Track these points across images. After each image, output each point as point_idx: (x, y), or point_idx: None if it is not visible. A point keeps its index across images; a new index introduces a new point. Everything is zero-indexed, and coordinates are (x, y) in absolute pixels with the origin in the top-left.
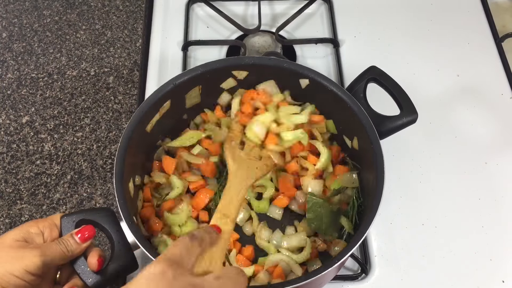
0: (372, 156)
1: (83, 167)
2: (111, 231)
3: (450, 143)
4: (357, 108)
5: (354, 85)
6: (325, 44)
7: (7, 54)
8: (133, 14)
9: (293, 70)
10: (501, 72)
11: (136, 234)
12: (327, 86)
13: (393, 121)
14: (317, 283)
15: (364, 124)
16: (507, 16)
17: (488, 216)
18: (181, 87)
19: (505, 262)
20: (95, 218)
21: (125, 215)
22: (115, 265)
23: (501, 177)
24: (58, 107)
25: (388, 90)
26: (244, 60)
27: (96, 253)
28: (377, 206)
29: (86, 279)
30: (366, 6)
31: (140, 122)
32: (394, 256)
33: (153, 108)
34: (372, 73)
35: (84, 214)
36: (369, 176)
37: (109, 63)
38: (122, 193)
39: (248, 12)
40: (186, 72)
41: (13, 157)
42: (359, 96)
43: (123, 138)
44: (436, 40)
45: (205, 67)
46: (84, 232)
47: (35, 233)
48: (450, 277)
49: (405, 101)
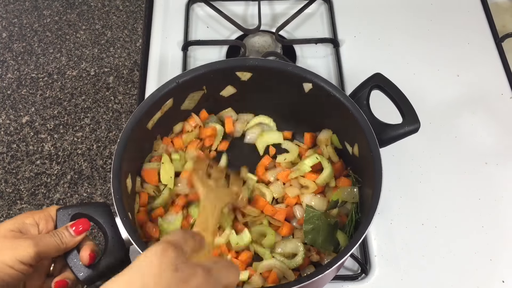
0: (371, 164)
1: (83, 167)
2: (105, 226)
3: (450, 143)
4: (359, 115)
5: (358, 92)
6: (325, 44)
7: (7, 54)
8: (133, 14)
9: (296, 74)
10: (501, 72)
11: (130, 230)
12: (330, 91)
13: (395, 129)
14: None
15: (365, 131)
16: (507, 16)
17: (488, 216)
18: (184, 86)
19: (505, 262)
20: (90, 212)
21: (120, 210)
22: (107, 260)
23: (501, 177)
24: (58, 107)
25: (392, 98)
26: (248, 62)
27: (88, 247)
28: (375, 206)
29: (78, 273)
30: (366, 6)
31: (141, 119)
32: (394, 256)
33: (155, 105)
34: (376, 80)
35: (80, 208)
36: (369, 191)
37: (109, 63)
38: (119, 188)
39: (248, 12)
40: (189, 71)
41: (13, 157)
42: (362, 103)
43: (124, 132)
44: (436, 40)
45: (208, 67)
46: (79, 225)
47: (30, 224)
48: (450, 277)
49: (408, 109)
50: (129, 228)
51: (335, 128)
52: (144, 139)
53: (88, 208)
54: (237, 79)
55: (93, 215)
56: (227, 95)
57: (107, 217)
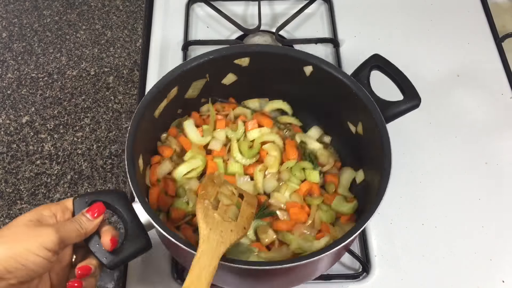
0: (378, 140)
1: (83, 167)
2: (123, 211)
3: (450, 143)
4: (362, 93)
5: (358, 72)
6: (325, 44)
7: (7, 54)
8: (133, 14)
9: (296, 58)
10: (501, 72)
11: (151, 213)
12: (331, 72)
13: (397, 106)
14: (310, 269)
15: (370, 108)
16: (507, 16)
17: (488, 216)
18: (189, 73)
19: (505, 262)
20: (106, 199)
21: (138, 195)
22: (129, 244)
23: (501, 177)
24: (58, 107)
25: (391, 77)
26: (250, 48)
27: (109, 232)
28: (385, 186)
29: (102, 258)
30: (366, 6)
31: (150, 104)
32: (394, 256)
33: (162, 92)
34: (375, 61)
35: (96, 195)
36: (374, 174)
37: (109, 63)
38: (134, 173)
39: (248, 12)
40: (192, 59)
41: (13, 157)
42: (363, 82)
43: (134, 118)
44: (436, 40)
45: (209, 54)
46: (94, 209)
47: (48, 216)
48: (450, 277)
49: (407, 86)
50: (149, 212)
51: (337, 109)
52: (151, 128)
53: (104, 195)
54: (237, 69)
55: (110, 202)
56: (228, 83)
57: (124, 203)
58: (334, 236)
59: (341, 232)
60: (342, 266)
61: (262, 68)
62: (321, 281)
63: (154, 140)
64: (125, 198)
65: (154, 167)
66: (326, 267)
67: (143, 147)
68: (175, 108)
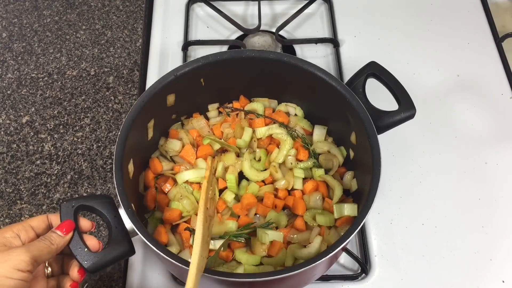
0: (369, 151)
1: (83, 167)
2: (108, 216)
3: (450, 143)
4: (356, 102)
5: (354, 80)
6: (325, 44)
7: (7, 54)
8: (133, 14)
9: (293, 64)
10: (501, 72)
11: (134, 220)
12: (326, 79)
13: (391, 116)
14: (307, 275)
15: (363, 118)
16: (507, 16)
17: (488, 216)
18: (183, 78)
19: (505, 262)
20: (93, 204)
21: (124, 201)
22: (112, 249)
23: (501, 177)
24: (58, 107)
25: (387, 85)
26: (244, 53)
27: (91, 237)
28: (375, 189)
29: (83, 261)
30: (366, 6)
31: (142, 109)
32: (394, 256)
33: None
34: (371, 68)
35: (83, 200)
36: (367, 178)
37: (109, 63)
38: (121, 180)
39: (248, 12)
40: (187, 63)
41: (13, 157)
42: (358, 91)
43: (123, 126)
44: (436, 40)
45: (206, 59)
46: (63, 227)
47: (12, 237)
48: (450, 277)
49: (403, 96)
50: (133, 219)
51: (332, 118)
52: (144, 135)
53: (91, 200)
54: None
55: (96, 207)
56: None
57: (110, 208)
58: (328, 240)
59: (336, 236)
60: (342, 267)
61: (254, 73)
62: (321, 281)
63: (148, 145)
64: (112, 203)
65: (153, 165)
66: (323, 270)
67: (134, 152)
68: (170, 114)
